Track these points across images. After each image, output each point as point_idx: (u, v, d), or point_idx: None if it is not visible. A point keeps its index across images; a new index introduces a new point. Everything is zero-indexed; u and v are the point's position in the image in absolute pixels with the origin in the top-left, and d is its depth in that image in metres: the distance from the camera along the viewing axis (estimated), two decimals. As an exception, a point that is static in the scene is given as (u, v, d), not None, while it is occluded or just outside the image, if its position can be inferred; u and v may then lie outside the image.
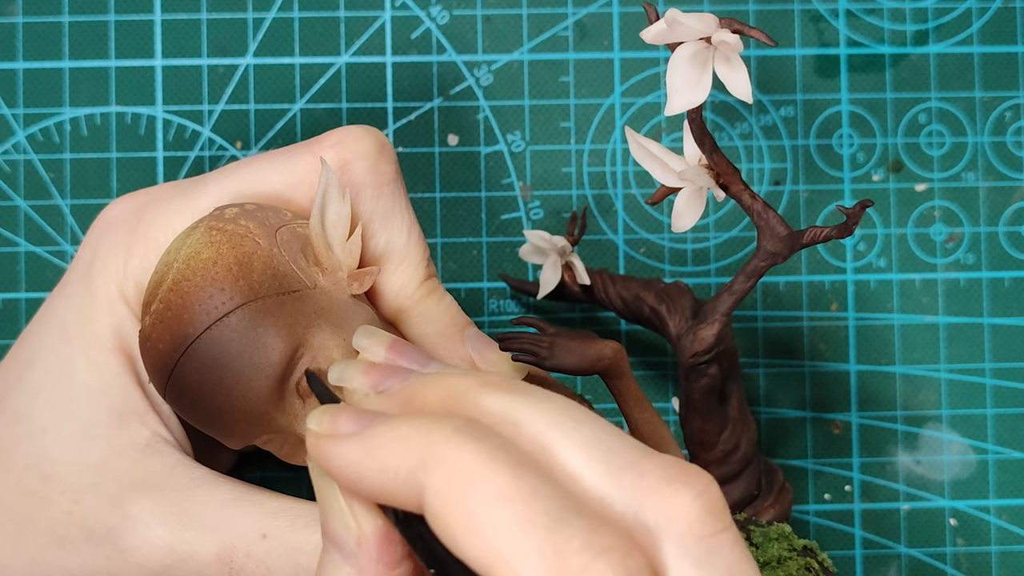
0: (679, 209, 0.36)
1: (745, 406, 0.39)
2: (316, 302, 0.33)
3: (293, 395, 0.33)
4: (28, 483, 0.35)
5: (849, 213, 0.34)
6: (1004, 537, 0.47)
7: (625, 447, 0.25)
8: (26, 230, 0.46)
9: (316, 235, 0.33)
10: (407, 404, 0.28)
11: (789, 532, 0.38)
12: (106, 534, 0.34)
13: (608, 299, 0.42)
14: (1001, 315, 0.47)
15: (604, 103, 0.47)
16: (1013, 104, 0.48)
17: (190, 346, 0.32)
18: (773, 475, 0.40)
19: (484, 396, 0.26)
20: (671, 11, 0.31)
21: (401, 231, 0.36)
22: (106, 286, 0.36)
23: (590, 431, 0.26)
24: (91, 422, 0.35)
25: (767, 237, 0.35)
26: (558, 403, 0.26)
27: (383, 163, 0.36)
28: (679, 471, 0.25)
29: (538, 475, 0.24)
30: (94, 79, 0.46)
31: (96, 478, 0.35)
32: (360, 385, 0.29)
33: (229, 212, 0.34)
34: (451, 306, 0.37)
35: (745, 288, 0.36)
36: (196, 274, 0.32)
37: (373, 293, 0.37)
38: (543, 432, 0.25)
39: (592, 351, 0.35)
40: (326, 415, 0.27)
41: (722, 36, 0.31)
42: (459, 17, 0.47)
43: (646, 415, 0.37)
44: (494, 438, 0.25)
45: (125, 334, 0.36)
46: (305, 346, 0.33)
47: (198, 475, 0.35)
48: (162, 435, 0.35)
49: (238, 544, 0.34)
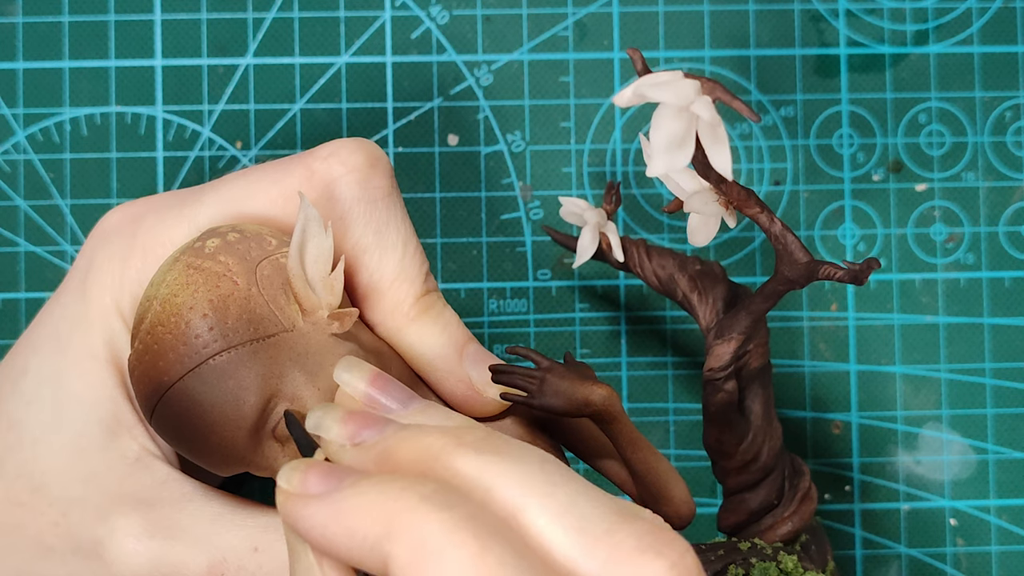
0: (693, 226, 0.35)
1: (771, 412, 0.38)
2: (292, 347, 0.32)
3: (270, 439, 0.33)
4: (17, 493, 0.35)
5: (857, 269, 0.33)
6: (1004, 537, 0.47)
7: (600, 512, 0.25)
8: (26, 230, 0.46)
9: (295, 275, 0.32)
10: (382, 459, 0.27)
11: (792, 568, 0.37)
12: (93, 547, 0.34)
13: (643, 274, 0.40)
14: (1001, 315, 0.47)
15: (604, 103, 0.47)
16: (1013, 104, 0.48)
17: (166, 392, 0.32)
18: (799, 479, 0.39)
19: (457, 458, 0.26)
20: (642, 81, 0.29)
21: (396, 246, 0.35)
22: (101, 298, 0.36)
23: (564, 496, 0.25)
24: (81, 434, 0.35)
25: (785, 263, 0.34)
26: (534, 464, 0.26)
27: (376, 177, 0.35)
28: (653, 539, 0.25)
29: (506, 546, 0.24)
30: (94, 79, 0.46)
31: (85, 491, 0.34)
32: (336, 436, 0.29)
33: (210, 245, 0.33)
34: (450, 323, 0.36)
35: (763, 308, 0.36)
36: (171, 320, 0.32)
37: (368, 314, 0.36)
38: (516, 497, 0.25)
39: (580, 395, 0.34)
40: (296, 473, 0.27)
41: (699, 110, 0.29)
42: (459, 17, 0.47)
43: (640, 455, 0.35)
44: (463, 507, 0.24)
45: (118, 347, 0.35)
46: (279, 395, 0.32)
47: (188, 489, 0.35)
48: (151, 450, 0.35)
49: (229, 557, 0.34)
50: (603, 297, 0.47)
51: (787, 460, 0.39)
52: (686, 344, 0.47)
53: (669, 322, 0.47)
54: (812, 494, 0.39)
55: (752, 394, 0.38)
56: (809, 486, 0.39)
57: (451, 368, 0.35)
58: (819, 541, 0.39)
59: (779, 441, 0.38)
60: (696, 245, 0.35)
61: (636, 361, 0.47)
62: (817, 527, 0.40)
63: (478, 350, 0.36)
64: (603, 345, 0.47)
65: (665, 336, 0.47)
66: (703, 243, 0.35)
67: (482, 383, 0.35)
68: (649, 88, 0.29)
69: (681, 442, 0.47)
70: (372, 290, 0.36)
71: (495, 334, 0.46)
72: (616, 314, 0.47)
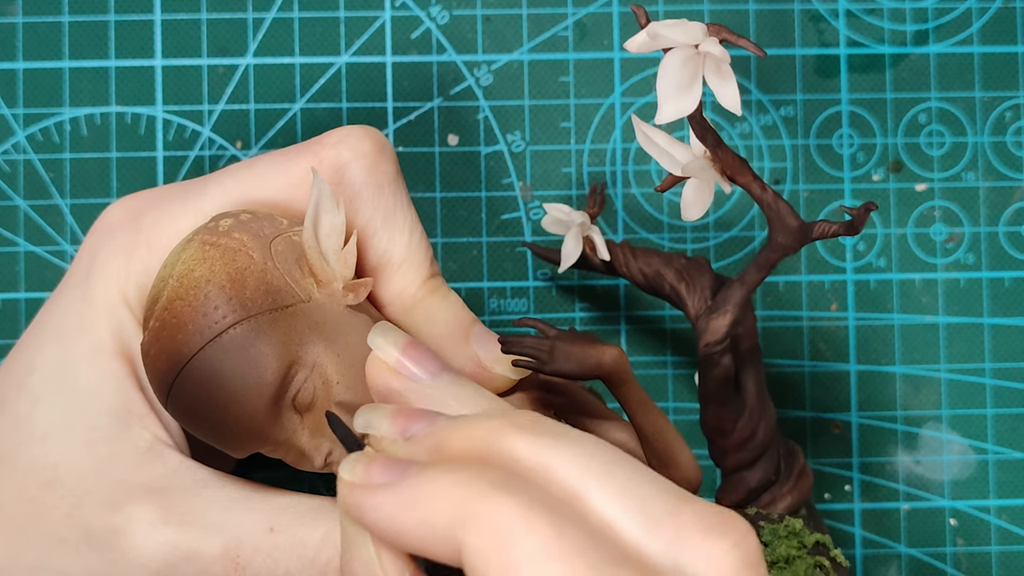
0: (687, 199, 0.36)
1: (764, 391, 0.39)
2: (310, 316, 0.33)
3: (290, 410, 0.33)
4: (29, 488, 0.35)
5: (854, 214, 0.34)
6: (1004, 537, 0.47)
7: (660, 493, 0.25)
8: (26, 230, 0.46)
9: (310, 247, 0.33)
10: (435, 450, 0.27)
11: (800, 528, 0.37)
12: (107, 537, 0.34)
13: (629, 273, 0.41)
14: (1001, 315, 0.47)
15: (604, 103, 0.47)
16: (1013, 104, 0.48)
17: (185, 366, 0.32)
18: (793, 459, 0.40)
19: (516, 441, 0.26)
20: (653, 24, 0.30)
21: (403, 230, 0.36)
22: (106, 290, 0.36)
23: (623, 477, 0.25)
24: (92, 426, 0.35)
25: (778, 229, 0.35)
26: (588, 447, 0.26)
27: (383, 162, 0.36)
28: (717, 520, 0.25)
29: (579, 528, 0.24)
30: (94, 79, 0.46)
31: (97, 482, 0.35)
32: (387, 432, 0.28)
33: (223, 224, 0.34)
34: (455, 304, 0.37)
35: (757, 279, 0.36)
36: (189, 293, 0.32)
37: (376, 295, 0.37)
38: (576, 478, 0.25)
39: (592, 357, 0.35)
40: (359, 464, 0.27)
41: (709, 47, 0.30)
42: (459, 17, 0.47)
43: (650, 418, 0.36)
44: (531, 491, 0.25)
45: (126, 338, 0.36)
46: (299, 363, 0.32)
47: (201, 476, 0.35)
48: (162, 439, 0.35)
49: (245, 539, 0.34)
50: (603, 297, 0.47)
51: (781, 440, 0.40)
52: (686, 343, 0.47)
53: (669, 322, 0.47)
54: (808, 471, 0.40)
55: (745, 374, 0.39)
56: (804, 464, 0.40)
57: (459, 347, 0.36)
58: (815, 520, 0.40)
59: (773, 419, 0.39)
60: (690, 219, 0.36)
61: (636, 361, 0.47)
62: (812, 507, 0.40)
63: (484, 329, 0.37)
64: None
65: (665, 336, 0.47)
66: (697, 216, 0.35)
67: (490, 360, 0.36)
68: (661, 28, 0.30)
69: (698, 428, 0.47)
70: (380, 272, 0.36)
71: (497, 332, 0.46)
72: (616, 314, 0.47)
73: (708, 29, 0.31)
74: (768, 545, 0.37)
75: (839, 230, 0.34)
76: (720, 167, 0.35)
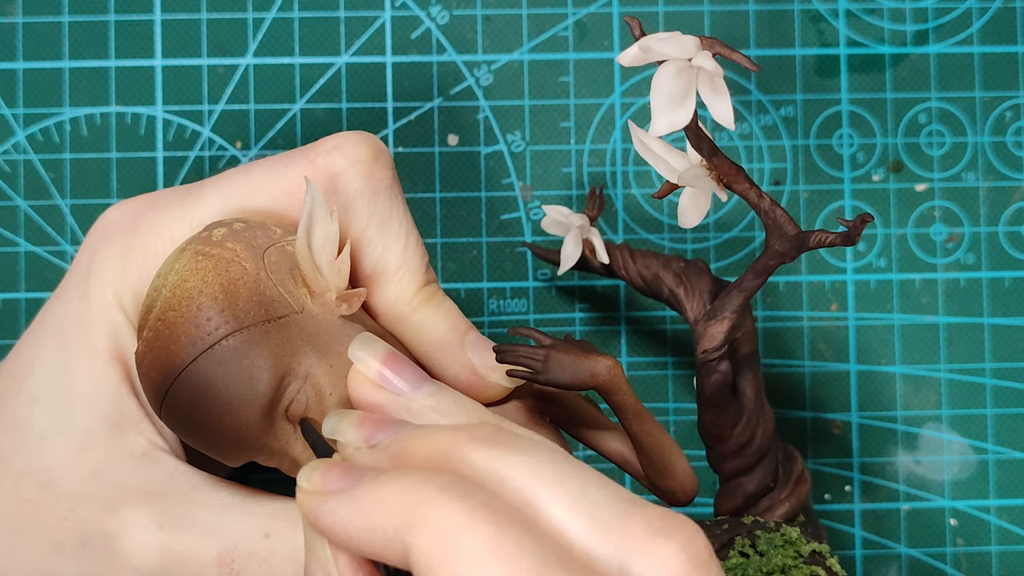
0: (684, 206, 0.36)
1: (762, 396, 0.39)
2: (303, 327, 0.33)
3: (283, 420, 0.33)
4: (25, 490, 0.35)
5: (850, 225, 0.34)
6: (1004, 537, 0.47)
7: (610, 499, 0.26)
8: (26, 230, 0.46)
9: (303, 257, 0.33)
10: (397, 458, 0.28)
11: (796, 537, 0.37)
12: (102, 540, 0.34)
13: (628, 276, 0.41)
14: (1001, 315, 0.47)
15: (604, 103, 0.47)
16: (1013, 104, 0.48)
17: (178, 377, 0.32)
18: (791, 464, 0.40)
19: (471, 451, 0.27)
20: (646, 38, 0.30)
21: (399, 237, 0.36)
22: (103, 294, 0.36)
23: (575, 484, 0.26)
24: (87, 430, 0.35)
25: (775, 236, 0.35)
26: (543, 455, 0.26)
27: (378, 169, 0.36)
28: (664, 523, 0.25)
29: (523, 531, 0.24)
30: (94, 79, 0.46)
31: (92, 486, 0.35)
32: (352, 439, 0.29)
33: (217, 234, 0.33)
34: (451, 312, 0.37)
35: (754, 286, 0.36)
36: (182, 304, 0.32)
37: (371, 303, 0.36)
38: (528, 487, 0.26)
39: (585, 368, 0.35)
40: (316, 472, 0.28)
41: (702, 61, 0.30)
42: (459, 17, 0.47)
43: (645, 427, 0.36)
44: (479, 495, 0.25)
45: (122, 343, 0.36)
46: (292, 374, 0.32)
47: (197, 481, 0.35)
48: (157, 444, 0.35)
49: (240, 544, 0.34)
50: (603, 298, 0.47)
51: (780, 445, 0.40)
52: (686, 344, 0.47)
53: (669, 322, 0.47)
54: (806, 476, 0.40)
55: (743, 379, 0.39)
56: (802, 469, 0.40)
57: (454, 355, 0.36)
58: (814, 525, 0.40)
59: (772, 424, 0.39)
60: (687, 226, 0.36)
61: (636, 361, 0.47)
62: (811, 512, 0.40)
63: (479, 337, 0.37)
64: (603, 345, 0.47)
65: (665, 336, 0.47)
66: (694, 223, 0.35)
67: (485, 368, 0.36)
68: (653, 42, 0.30)
69: (682, 441, 0.47)
70: (375, 280, 0.36)
71: (495, 334, 0.47)
72: (616, 315, 0.47)
73: (702, 43, 0.31)
74: (764, 555, 0.37)
75: (836, 240, 0.34)
76: (717, 175, 0.35)
